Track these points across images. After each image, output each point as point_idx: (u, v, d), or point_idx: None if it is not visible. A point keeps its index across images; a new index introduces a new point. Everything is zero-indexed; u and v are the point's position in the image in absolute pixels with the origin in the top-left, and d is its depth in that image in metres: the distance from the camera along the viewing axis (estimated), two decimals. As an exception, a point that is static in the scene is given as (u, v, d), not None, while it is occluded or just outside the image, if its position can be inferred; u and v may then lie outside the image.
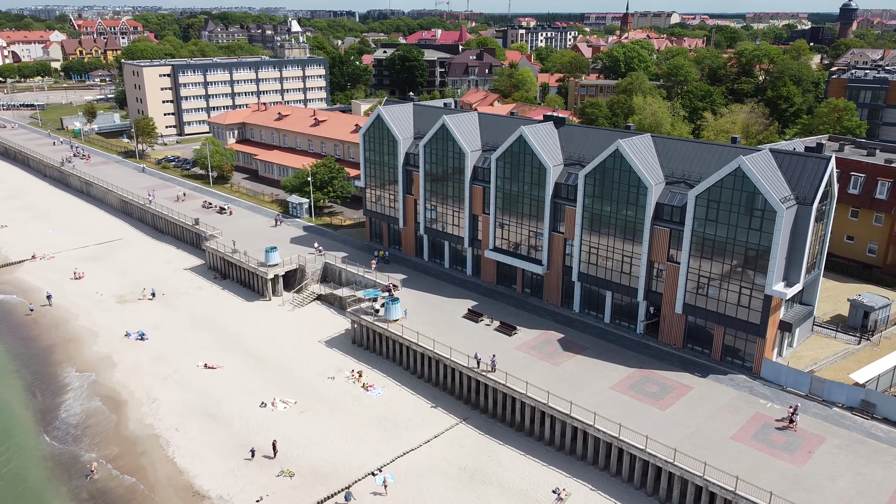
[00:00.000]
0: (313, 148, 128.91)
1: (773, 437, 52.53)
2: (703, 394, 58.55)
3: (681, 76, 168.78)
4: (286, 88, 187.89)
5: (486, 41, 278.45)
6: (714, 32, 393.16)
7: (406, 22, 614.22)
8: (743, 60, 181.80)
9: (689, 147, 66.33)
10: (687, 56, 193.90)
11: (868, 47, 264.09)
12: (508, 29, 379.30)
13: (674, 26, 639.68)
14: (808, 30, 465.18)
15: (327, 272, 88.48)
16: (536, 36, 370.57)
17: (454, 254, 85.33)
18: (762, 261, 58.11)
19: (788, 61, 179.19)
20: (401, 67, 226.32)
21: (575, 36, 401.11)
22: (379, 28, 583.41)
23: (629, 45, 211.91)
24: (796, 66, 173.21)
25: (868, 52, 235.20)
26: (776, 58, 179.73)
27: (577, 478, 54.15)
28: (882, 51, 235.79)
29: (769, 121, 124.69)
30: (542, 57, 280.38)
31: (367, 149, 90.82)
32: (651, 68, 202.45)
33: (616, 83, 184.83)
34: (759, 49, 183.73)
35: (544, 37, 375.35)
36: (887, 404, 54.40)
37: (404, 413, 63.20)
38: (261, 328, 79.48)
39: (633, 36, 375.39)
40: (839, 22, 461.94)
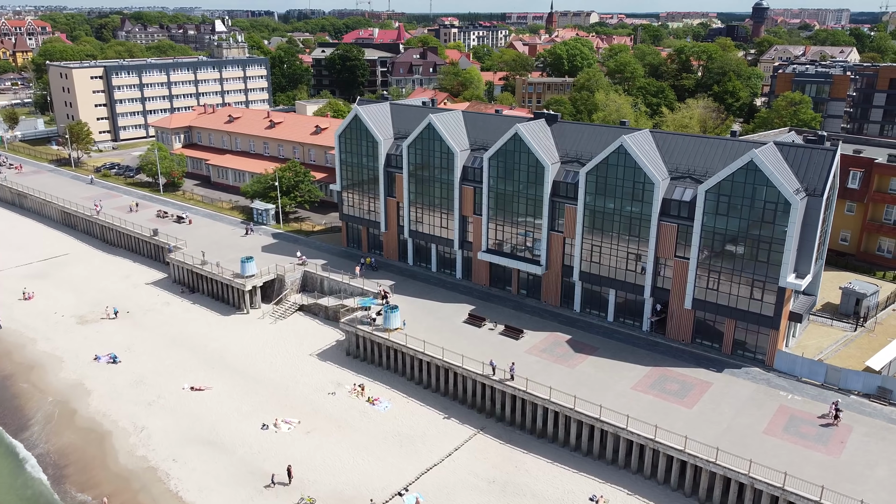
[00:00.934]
0: (269, 151, 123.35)
1: (803, 430, 52.59)
2: (724, 389, 58.26)
3: (627, 73, 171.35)
4: (227, 90, 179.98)
5: (427, 40, 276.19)
6: (639, 31, 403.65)
7: (331, 21, 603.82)
8: (683, 57, 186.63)
9: (690, 142, 66.09)
10: (629, 53, 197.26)
11: (787, 44, 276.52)
12: (440, 28, 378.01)
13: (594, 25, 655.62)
14: (724, 28, 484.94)
15: (307, 281, 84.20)
16: (468, 35, 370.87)
17: (442, 257, 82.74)
18: (776, 253, 58.29)
19: (727, 57, 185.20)
20: (341, 67, 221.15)
21: (506, 35, 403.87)
22: (304, 28, 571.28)
23: (571, 42, 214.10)
24: (735, 62, 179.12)
25: (790, 49, 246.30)
26: (714, 54, 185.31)
27: (612, 483, 52.73)
28: (804, 47, 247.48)
29: (725, 115, 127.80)
30: (479, 56, 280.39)
31: (344, 150, 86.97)
32: (594, 66, 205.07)
33: (562, 80, 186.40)
34: (697, 46, 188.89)
35: (476, 36, 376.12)
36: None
37: (417, 426, 60.28)
38: (244, 344, 74.66)
39: (564, 35, 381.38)
40: (752, 20, 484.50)
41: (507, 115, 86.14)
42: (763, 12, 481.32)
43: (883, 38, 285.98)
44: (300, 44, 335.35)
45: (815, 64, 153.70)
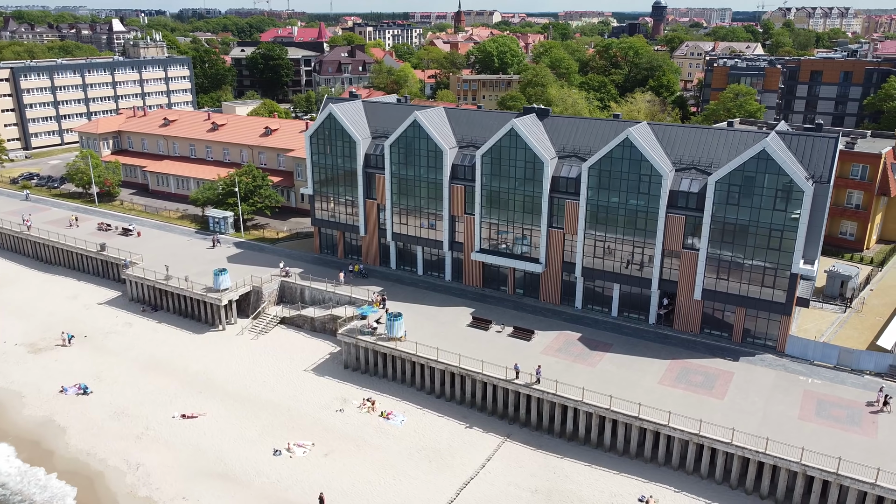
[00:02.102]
0: (213, 155, 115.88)
1: (834, 413, 53.41)
2: (747, 378, 58.55)
3: (563, 68, 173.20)
4: (147, 91, 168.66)
5: (353, 38, 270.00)
6: (550, 29, 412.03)
7: (234, 21, 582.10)
8: (611, 53, 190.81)
9: (690, 133, 66.23)
10: (560, 49, 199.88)
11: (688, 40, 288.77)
12: (355, 27, 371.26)
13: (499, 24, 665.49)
14: (626, 25, 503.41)
15: (285, 292, 79.08)
16: (384, 33, 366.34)
17: (429, 260, 79.67)
18: (787, 240, 59.11)
19: (653, 53, 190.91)
20: (264, 66, 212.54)
21: (420, 34, 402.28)
22: (205, 27, 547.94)
23: (500, 39, 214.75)
24: (660, 57, 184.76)
25: (701, 45, 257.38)
26: (640, 50, 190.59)
27: (656, 482, 51.69)
28: (713, 42, 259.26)
29: (671, 108, 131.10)
30: (400, 54, 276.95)
31: (316, 152, 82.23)
32: (524, 62, 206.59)
33: (498, 77, 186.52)
34: (624, 42, 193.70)
35: (391, 34, 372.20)
36: (915, 366, 57.57)
37: (440, 439, 57.26)
38: (229, 363, 69.03)
39: (479, 33, 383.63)
40: (652, 18, 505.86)
41: (489, 111, 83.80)
42: (662, 11, 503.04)
43: (782, 34, 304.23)
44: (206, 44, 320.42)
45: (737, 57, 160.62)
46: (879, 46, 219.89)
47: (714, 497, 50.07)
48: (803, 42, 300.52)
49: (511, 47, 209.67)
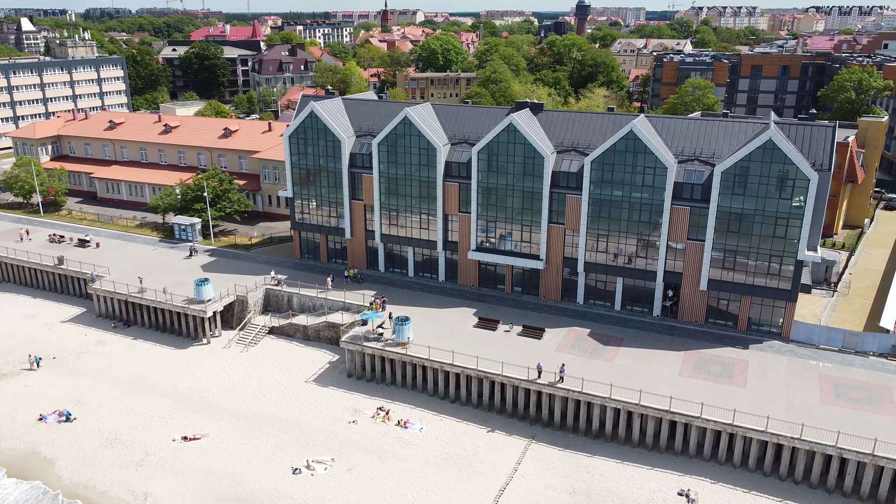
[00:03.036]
0: (167, 159, 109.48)
1: (852, 395, 54.60)
2: (762, 365, 59.24)
3: (512, 65, 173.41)
4: (79, 94, 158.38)
5: (291, 37, 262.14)
6: (481, 27, 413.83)
7: (150, 20, 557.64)
8: (556, 50, 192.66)
9: (688, 125, 66.58)
10: (507, 47, 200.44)
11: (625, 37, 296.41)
12: (285, 25, 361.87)
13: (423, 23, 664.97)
14: (552, 24, 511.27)
15: (270, 300, 75.17)
16: (314, 32, 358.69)
17: (421, 260, 77.39)
18: (793, 228, 60.18)
19: (591, 49, 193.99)
20: (199, 66, 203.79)
21: (350, 32, 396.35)
22: (119, 27, 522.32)
23: (443, 37, 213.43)
24: (603, 54, 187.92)
25: (634, 42, 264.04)
26: (583, 47, 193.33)
27: (691, 475, 51.43)
28: (644, 40, 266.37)
29: (628, 102, 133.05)
30: (336, 52, 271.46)
31: (296, 152, 78.52)
32: (468, 59, 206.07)
33: (445, 75, 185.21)
34: (568, 39, 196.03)
35: (322, 33, 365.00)
36: (916, 345, 59.69)
37: (464, 445, 55.33)
38: (221, 378, 64.85)
39: (411, 32, 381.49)
40: (576, 17, 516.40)
41: (477, 106, 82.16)
42: (586, 9, 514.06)
43: (707, 32, 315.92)
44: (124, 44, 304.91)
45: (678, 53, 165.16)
46: (808, 42, 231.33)
47: (750, 485, 50.22)
48: (726, 39, 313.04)
49: (455, 45, 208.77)
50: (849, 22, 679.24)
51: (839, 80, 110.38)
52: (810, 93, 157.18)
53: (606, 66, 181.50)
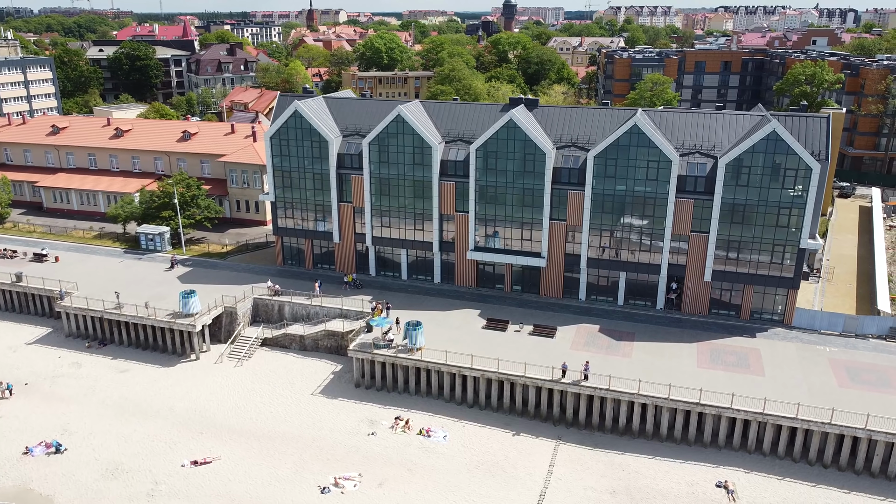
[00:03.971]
0: (120, 165, 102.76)
1: (864, 377, 56.15)
2: (773, 353, 60.23)
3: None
4: (4, 97, 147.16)
5: (227, 36, 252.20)
6: (413, 27, 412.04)
7: (57, 20, 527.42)
8: (501, 48, 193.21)
9: (687, 118, 67.11)
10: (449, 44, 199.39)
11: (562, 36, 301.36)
12: (210, 24, 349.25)
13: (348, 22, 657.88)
14: (479, 24, 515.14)
15: (259, 310, 71.39)
16: (241, 32, 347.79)
17: (415, 262, 75.19)
18: (796, 217, 61.49)
19: (536, 47, 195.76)
20: (130, 68, 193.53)
21: (278, 32, 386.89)
22: (24, 27, 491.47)
23: (387, 36, 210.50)
24: (549, 52, 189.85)
25: (570, 40, 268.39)
26: (527, 45, 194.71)
27: (724, 465, 51.60)
28: (580, 38, 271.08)
29: (587, 98, 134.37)
30: (270, 53, 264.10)
31: (278, 154, 74.87)
32: (413, 59, 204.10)
33: (394, 74, 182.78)
34: (512, 37, 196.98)
35: (250, 32, 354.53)
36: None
37: (493, 451, 53.78)
38: (220, 396, 60.94)
39: (342, 31, 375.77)
40: (503, 17, 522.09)
41: (470, 103, 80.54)
42: (513, 9, 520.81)
43: (636, 30, 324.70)
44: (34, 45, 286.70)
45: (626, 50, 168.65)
46: (743, 39, 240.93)
47: (783, 472, 50.79)
48: (652, 37, 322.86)
49: (398, 43, 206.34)
50: (755, 21, 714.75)
51: (793, 73, 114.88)
52: (751, 87, 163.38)
53: (552, 63, 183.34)
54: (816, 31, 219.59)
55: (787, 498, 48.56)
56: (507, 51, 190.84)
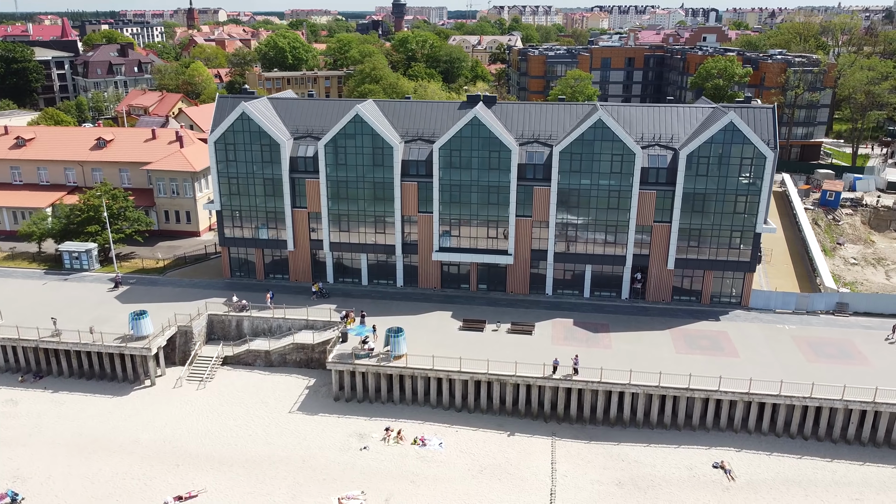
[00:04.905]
0: (23, 177, 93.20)
1: (828, 351, 59.73)
2: (741, 334, 62.82)
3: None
4: None
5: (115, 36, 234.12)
6: (304, 26, 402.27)
7: None
8: (409, 47, 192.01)
9: (644, 112, 68.76)
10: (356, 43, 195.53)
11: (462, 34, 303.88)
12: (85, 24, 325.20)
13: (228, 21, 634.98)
14: (370, 23, 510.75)
15: (214, 327, 66.78)
16: (122, 32, 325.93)
17: (375, 267, 72.83)
18: (752, 203, 64.50)
19: (444, 45, 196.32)
20: (5, 71, 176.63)
21: (162, 31, 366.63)
22: None
23: (290, 35, 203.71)
24: (457, 50, 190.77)
25: (469, 38, 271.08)
26: (435, 43, 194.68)
27: (716, 446, 53.29)
28: (478, 36, 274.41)
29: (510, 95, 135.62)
30: (160, 53, 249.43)
31: (224, 159, 70.29)
32: (317, 58, 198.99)
33: (302, 74, 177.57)
34: (420, 35, 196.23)
35: (130, 32, 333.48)
36: (856, 301, 66.69)
37: (493, 454, 52.90)
38: (190, 422, 56.39)
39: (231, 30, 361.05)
40: (394, 16, 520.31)
41: (425, 101, 78.72)
42: (402, 8, 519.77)
43: (528, 28, 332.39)
44: None
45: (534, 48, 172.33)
46: (640, 36, 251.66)
47: (770, 448, 53.04)
48: (545, 35, 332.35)
49: (301, 42, 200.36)
50: (627, 20, 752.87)
51: (706, 68, 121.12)
52: (653, 82, 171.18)
53: (461, 61, 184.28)
54: (706, 29, 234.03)
55: (778, 472, 50.80)
56: (415, 50, 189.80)
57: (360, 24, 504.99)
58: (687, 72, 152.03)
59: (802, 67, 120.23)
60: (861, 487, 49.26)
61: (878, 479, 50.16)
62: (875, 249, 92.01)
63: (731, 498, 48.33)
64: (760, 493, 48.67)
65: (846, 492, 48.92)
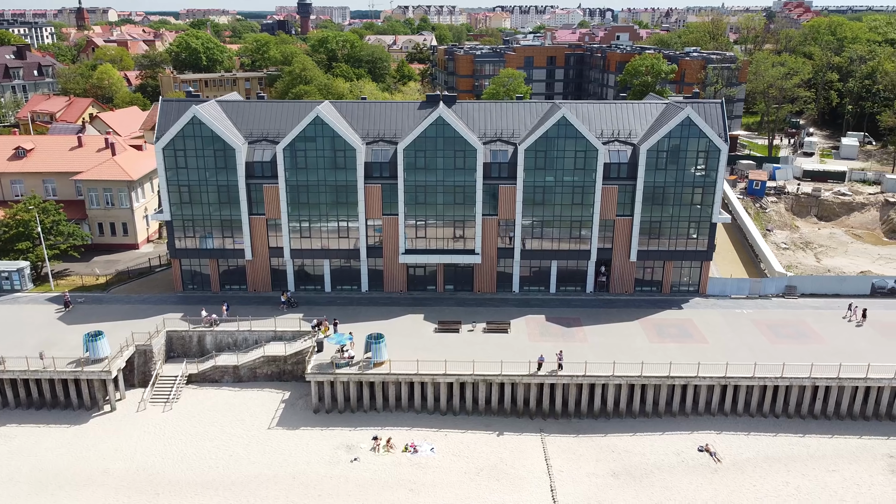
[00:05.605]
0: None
1: (786, 332, 63.00)
2: (705, 321, 65.25)
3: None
4: None
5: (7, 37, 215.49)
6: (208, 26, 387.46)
7: None
8: (328, 47, 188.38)
9: (603, 108, 70.19)
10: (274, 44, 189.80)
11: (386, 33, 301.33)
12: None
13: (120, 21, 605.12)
14: (274, 23, 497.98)
15: (173, 345, 63.13)
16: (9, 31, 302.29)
17: (339, 272, 70.89)
18: (708, 195, 67.14)
19: (365, 45, 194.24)
20: None
21: (52, 32, 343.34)
22: None
23: (203, 35, 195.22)
24: (378, 49, 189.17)
25: (384, 38, 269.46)
26: (355, 42, 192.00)
27: (697, 430, 55.13)
28: (394, 36, 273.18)
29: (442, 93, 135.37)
30: (55, 55, 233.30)
31: (174, 166, 66.47)
32: (233, 59, 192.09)
33: (221, 76, 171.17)
34: (340, 35, 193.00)
35: (19, 33, 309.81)
36: (803, 283, 70.74)
37: (486, 455, 52.65)
38: (162, 447, 53.00)
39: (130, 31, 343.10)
40: (300, 16, 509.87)
41: (391, 101, 77.13)
42: (308, 7, 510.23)
43: (441, 28, 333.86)
44: None
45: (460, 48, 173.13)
46: (556, 35, 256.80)
47: (747, 428, 55.40)
48: (456, 35, 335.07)
49: (216, 42, 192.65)
50: (529, 20, 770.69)
51: (634, 65, 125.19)
52: (574, 80, 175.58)
53: (383, 60, 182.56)
54: (619, 28, 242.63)
55: (758, 450, 53.13)
56: (335, 49, 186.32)
57: (264, 25, 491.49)
58: (608, 69, 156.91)
59: (721, 64, 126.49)
60: (834, 459, 52.26)
61: (847, 449, 53.39)
62: (801, 234, 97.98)
63: (721, 479, 50.16)
64: (746, 473, 50.74)
65: (822, 464, 51.77)
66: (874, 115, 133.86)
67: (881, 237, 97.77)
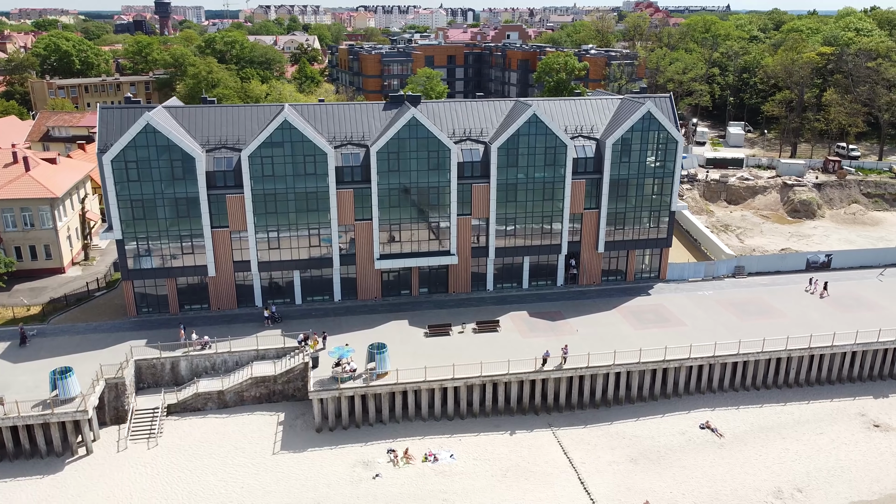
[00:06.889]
0: None
1: (750, 309, 67.51)
2: (675, 304, 68.51)
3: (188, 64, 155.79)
4: None
5: None
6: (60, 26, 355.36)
7: None
8: (217, 48, 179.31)
9: (563, 105, 71.57)
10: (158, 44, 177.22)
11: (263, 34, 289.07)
12: None
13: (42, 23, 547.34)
14: (130, 23, 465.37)
15: (142, 375, 57.71)
16: None
17: (309, 283, 67.67)
18: (667, 185, 70.49)
19: (257, 45, 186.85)
20: None
21: None
22: None
23: (74, 37, 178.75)
24: (270, 49, 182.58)
25: (265, 39, 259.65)
26: (245, 44, 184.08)
27: (695, 409, 57.97)
28: (274, 36, 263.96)
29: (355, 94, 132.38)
30: None
31: (124, 180, 60.54)
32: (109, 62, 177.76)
33: (101, 80, 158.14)
34: (227, 35, 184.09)
35: None
36: (749, 263, 76.07)
37: (506, 455, 52.53)
38: (159, 488, 48.37)
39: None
40: (158, 16, 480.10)
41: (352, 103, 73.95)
42: (167, 7, 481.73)
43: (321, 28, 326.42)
44: None
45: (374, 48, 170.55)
46: (449, 35, 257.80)
47: (736, 402, 59.04)
48: (336, 35, 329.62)
49: (89, 44, 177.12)
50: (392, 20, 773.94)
51: (547, 62, 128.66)
52: (473, 78, 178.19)
53: (277, 62, 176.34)
54: (509, 27, 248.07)
55: (752, 423, 56.69)
56: (223, 50, 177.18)
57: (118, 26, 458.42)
58: (509, 68, 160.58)
59: (623, 61, 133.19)
60: (817, 423, 56.76)
61: (824, 412, 58.18)
62: (717, 218, 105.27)
63: (728, 453, 53.00)
64: (748, 444, 53.96)
65: (809, 428, 56.07)
66: (752, 105, 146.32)
67: (785, 217, 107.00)
